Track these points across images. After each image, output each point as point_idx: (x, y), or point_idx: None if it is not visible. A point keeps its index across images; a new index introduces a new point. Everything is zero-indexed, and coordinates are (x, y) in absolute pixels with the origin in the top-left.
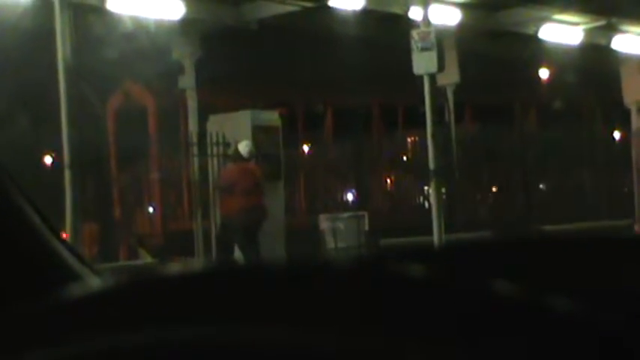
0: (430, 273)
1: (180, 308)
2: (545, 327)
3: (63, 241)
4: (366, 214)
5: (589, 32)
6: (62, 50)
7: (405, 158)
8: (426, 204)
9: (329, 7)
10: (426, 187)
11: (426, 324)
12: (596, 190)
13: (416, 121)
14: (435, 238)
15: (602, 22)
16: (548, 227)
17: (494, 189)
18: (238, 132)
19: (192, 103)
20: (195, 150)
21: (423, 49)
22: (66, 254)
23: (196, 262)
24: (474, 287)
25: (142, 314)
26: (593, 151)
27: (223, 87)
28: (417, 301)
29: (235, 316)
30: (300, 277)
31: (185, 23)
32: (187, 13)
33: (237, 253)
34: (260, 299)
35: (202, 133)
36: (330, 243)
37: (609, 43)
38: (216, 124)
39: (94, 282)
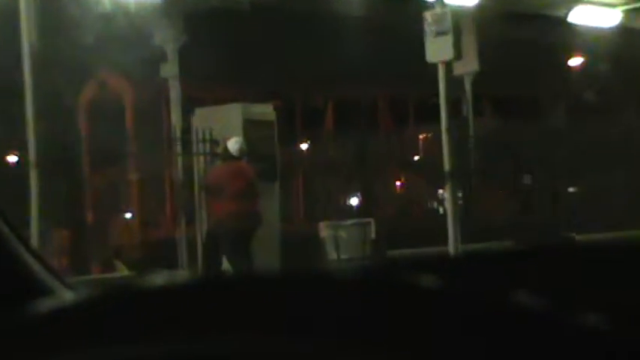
0: (440, 283)
1: (143, 326)
2: (565, 343)
3: (33, 252)
4: (372, 221)
5: (627, 14)
6: (27, 33)
7: (416, 158)
8: (441, 209)
9: None
10: (440, 191)
11: (431, 337)
12: (634, 192)
13: (429, 116)
14: (451, 248)
15: None
16: (579, 236)
17: (517, 192)
18: (228, 127)
19: (175, 95)
20: (179, 148)
21: (438, 34)
22: (36, 266)
23: (179, 276)
24: (487, 298)
25: (86, 334)
26: (629, 149)
27: (211, 76)
28: (421, 315)
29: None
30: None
31: (168, 3)
32: None
33: (226, 265)
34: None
35: (187, 129)
36: (332, 254)
37: None
38: (203, 118)
39: (65, 296)
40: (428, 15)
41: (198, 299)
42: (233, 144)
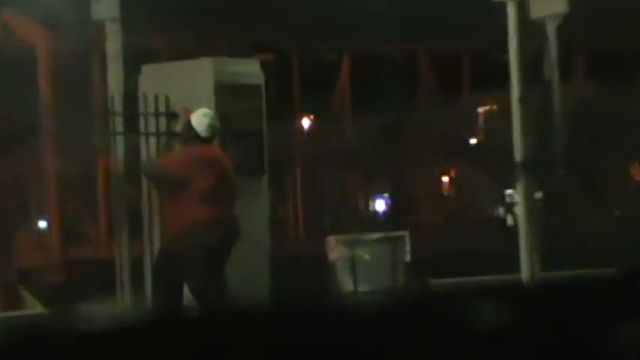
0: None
1: None
2: None
3: None
4: (406, 234)
5: None
6: None
7: (473, 141)
8: (509, 218)
9: None
10: (508, 191)
11: None
12: None
13: (492, 80)
14: (524, 275)
15: None
16: None
17: (624, 193)
18: (192, 94)
19: (114, 46)
20: (118, 124)
21: None
22: None
23: (117, 312)
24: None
25: None
26: None
27: (167, 18)
28: None
29: None
30: None
31: None
32: None
33: (189, 297)
34: None
35: (131, 96)
36: (346, 283)
37: None
38: (156, 80)
39: None
40: None
41: (144, 347)
42: (200, 119)
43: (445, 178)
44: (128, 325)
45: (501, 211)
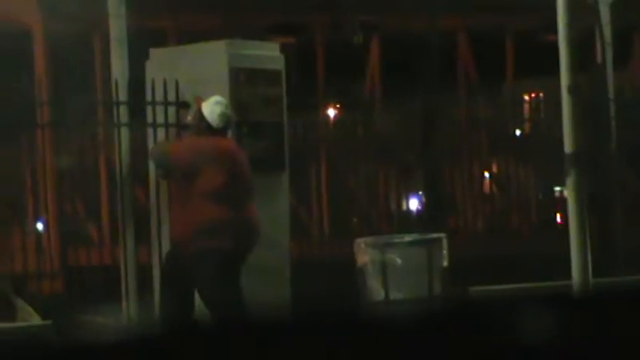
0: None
1: None
2: None
3: None
4: (443, 237)
5: None
6: None
7: (517, 132)
8: (558, 217)
9: None
10: (557, 188)
11: None
12: None
13: (539, 64)
14: (575, 283)
15: None
16: None
17: None
18: (204, 80)
19: (118, 27)
20: (123, 114)
21: None
22: None
23: (121, 326)
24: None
25: None
26: None
27: None
28: None
29: None
30: None
31: None
32: None
33: (201, 306)
34: None
35: (137, 83)
36: (377, 291)
37: None
38: (164, 65)
39: None
40: None
41: None
42: (211, 107)
43: (486, 174)
44: (134, 339)
45: (551, 208)
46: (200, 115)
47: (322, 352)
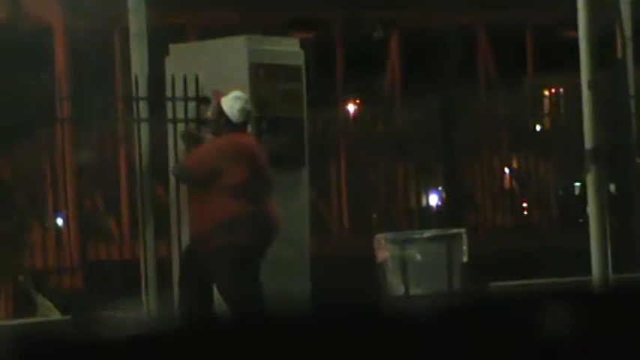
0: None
1: None
2: None
3: None
4: (463, 233)
5: None
6: None
7: (537, 128)
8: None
9: None
10: (577, 184)
11: None
12: None
13: (559, 59)
14: (595, 277)
15: None
16: None
17: None
18: (224, 76)
19: (138, 22)
20: (143, 110)
21: None
22: None
23: (140, 319)
24: None
25: None
26: None
27: None
28: None
29: None
30: None
31: None
32: None
33: (220, 301)
34: None
35: (157, 79)
36: (397, 286)
37: None
38: (184, 61)
39: None
40: None
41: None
42: (231, 102)
43: (506, 170)
44: (154, 334)
45: (569, 204)
46: (219, 110)
47: (342, 347)
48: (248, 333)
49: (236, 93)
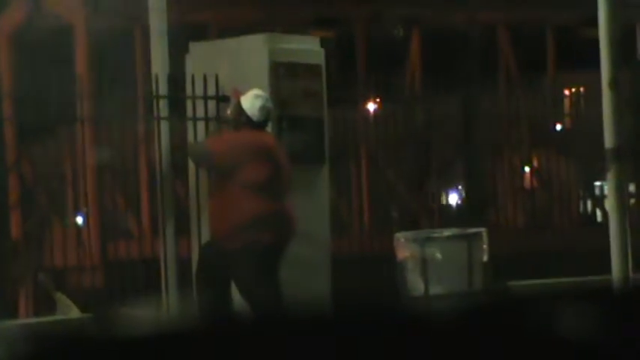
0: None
1: None
2: None
3: None
4: (484, 232)
5: None
6: None
7: (558, 127)
8: (599, 214)
9: None
10: (597, 183)
11: None
12: None
13: (580, 58)
14: (615, 276)
15: None
16: None
17: None
18: (244, 74)
19: (158, 21)
20: (163, 109)
21: None
22: None
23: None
24: None
25: None
26: None
27: None
28: None
29: None
30: None
31: None
32: None
33: (239, 300)
34: None
35: (177, 78)
36: (417, 285)
37: None
38: (204, 59)
39: None
40: None
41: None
42: (251, 101)
43: (526, 169)
44: (174, 332)
45: (590, 205)
46: (239, 108)
47: (361, 346)
48: (267, 332)
49: (256, 91)
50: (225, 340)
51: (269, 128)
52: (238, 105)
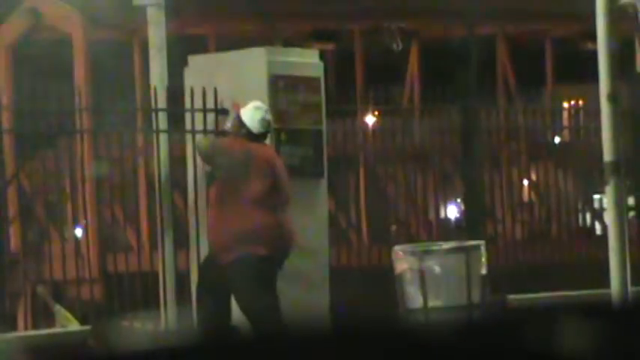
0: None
1: None
2: None
3: None
4: (482, 245)
5: None
6: None
7: (557, 140)
8: (598, 227)
9: None
10: (596, 195)
11: None
12: None
13: (579, 71)
14: (614, 290)
15: None
16: None
17: None
18: (243, 87)
19: (157, 34)
20: (161, 121)
21: None
22: None
23: (159, 331)
24: None
25: None
26: None
27: (215, 4)
28: None
29: None
30: None
31: None
32: None
33: (238, 313)
34: None
35: (176, 90)
36: (415, 299)
37: None
38: (203, 72)
39: None
40: None
41: None
42: (251, 113)
43: (524, 182)
44: (172, 347)
45: (588, 218)
46: (239, 121)
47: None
48: (266, 346)
49: (256, 103)
50: (224, 354)
51: (268, 141)
52: (238, 118)
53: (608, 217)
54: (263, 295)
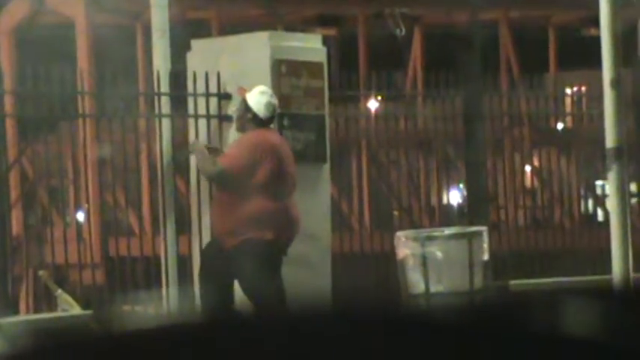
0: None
1: None
2: None
3: None
4: (484, 231)
5: None
6: None
7: (559, 126)
8: (600, 213)
9: None
10: (599, 182)
11: None
12: None
13: (581, 57)
14: (616, 276)
15: None
16: None
17: None
18: (247, 72)
19: (160, 19)
20: (164, 106)
21: None
22: None
23: (162, 314)
24: None
25: None
26: None
27: None
28: None
29: None
30: None
31: None
32: None
33: (242, 298)
34: None
35: (179, 75)
36: (417, 284)
37: None
38: (205, 56)
39: None
40: None
41: (192, 354)
42: (257, 97)
43: (527, 167)
44: (175, 329)
45: (591, 204)
46: (245, 105)
47: (360, 342)
48: (268, 329)
49: (261, 88)
50: (226, 337)
51: (273, 126)
52: (244, 102)
53: (611, 204)
54: (268, 280)
